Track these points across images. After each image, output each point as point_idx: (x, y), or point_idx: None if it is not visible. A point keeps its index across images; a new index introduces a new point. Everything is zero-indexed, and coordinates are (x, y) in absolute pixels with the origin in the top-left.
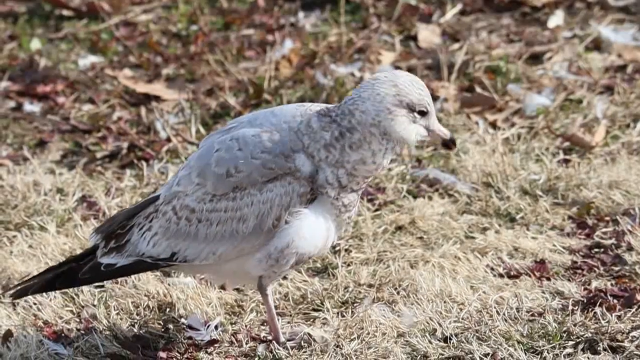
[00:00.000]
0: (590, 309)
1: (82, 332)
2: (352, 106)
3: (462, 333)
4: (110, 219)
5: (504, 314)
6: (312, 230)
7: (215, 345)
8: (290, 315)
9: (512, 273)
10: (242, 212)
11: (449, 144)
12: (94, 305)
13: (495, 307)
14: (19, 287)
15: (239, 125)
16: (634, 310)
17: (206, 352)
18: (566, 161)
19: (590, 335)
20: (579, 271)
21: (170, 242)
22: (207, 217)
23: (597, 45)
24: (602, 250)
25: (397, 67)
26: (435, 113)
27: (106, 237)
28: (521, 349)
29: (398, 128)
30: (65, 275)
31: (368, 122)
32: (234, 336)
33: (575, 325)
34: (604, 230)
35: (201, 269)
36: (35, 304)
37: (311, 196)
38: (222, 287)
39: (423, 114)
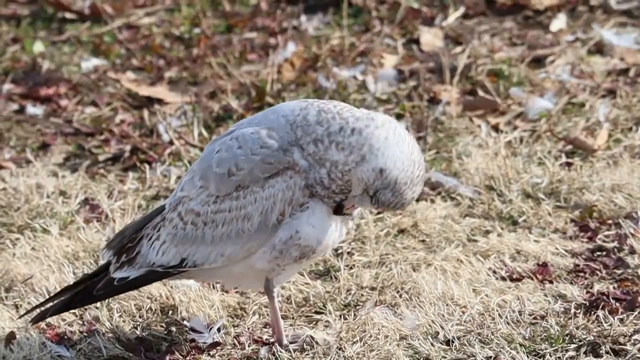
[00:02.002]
0: (592, 312)
1: (85, 334)
2: (370, 120)
3: (464, 336)
4: (119, 233)
5: (506, 317)
6: (315, 222)
7: (218, 347)
8: (293, 318)
9: (514, 276)
10: (247, 211)
11: (338, 209)
12: (97, 308)
13: (497, 310)
14: (38, 312)
15: (239, 127)
16: (636, 313)
17: (209, 354)
18: (568, 164)
19: (592, 338)
20: (582, 274)
21: (178, 249)
22: (212, 219)
23: (600, 48)
24: (604, 253)
25: (400, 71)
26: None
27: (117, 252)
28: (523, 352)
29: (365, 168)
30: (81, 293)
31: (368, 138)
32: (236, 339)
33: (577, 328)
34: (606, 233)
35: (211, 274)
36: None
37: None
38: (225, 290)
39: (372, 198)
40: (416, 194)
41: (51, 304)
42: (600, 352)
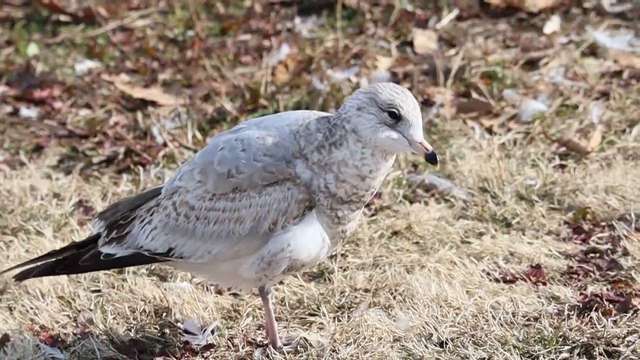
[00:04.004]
0: (586, 314)
1: (79, 336)
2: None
3: (458, 338)
4: (114, 206)
5: (499, 319)
6: (307, 237)
7: (212, 349)
8: (287, 320)
9: (508, 278)
10: (240, 214)
11: (430, 159)
12: (91, 310)
13: (491, 312)
14: (22, 270)
15: (247, 127)
16: (629, 314)
17: (202, 356)
18: (562, 166)
19: (586, 340)
20: (575, 276)
21: (168, 237)
22: (205, 216)
23: (593, 51)
24: (598, 255)
25: (394, 73)
26: (422, 126)
27: (109, 227)
28: (517, 354)
29: (363, 125)
30: (67, 260)
31: (342, 117)
32: (230, 341)
33: (571, 330)
34: (599, 235)
35: (197, 268)
36: (32, 308)
37: (309, 204)
38: (219, 292)
39: (394, 117)
40: (404, 92)
41: (35, 264)
42: (594, 353)
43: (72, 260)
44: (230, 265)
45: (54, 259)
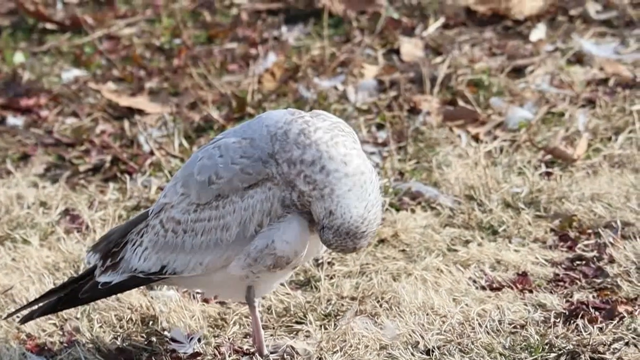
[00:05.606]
0: (572, 321)
1: (65, 345)
2: (342, 164)
3: (444, 345)
4: (105, 237)
5: (486, 327)
6: (292, 233)
7: (198, 358)
8: (273, 328)
9: (494, 285)
10: (225, 220)
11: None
12: (77, 318)
13: (477, 320)
14: (25, 313)
15: (224, 137)
16: (615, 322)
17: None
18: (548, 174)
19: (572, 347)
20: (561, 283)
21: (159, 255)
22: (192, 228)
23: (579, 58)
24: (584, 262)
25: (380, 81)
26: None
27: (103, 256)
28: None
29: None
30: (67, 296)
31: (333, 181)
32: (216, 349)
33: (557, 337)
34: (585, 242)
35: (192, 282)
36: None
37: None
38: (205, 300)
39: (321, 229)
40: (359, 246)
41: (37, 305)
42: None
43: (72, 294)
44: (222, 273)
45: (55, 297)
